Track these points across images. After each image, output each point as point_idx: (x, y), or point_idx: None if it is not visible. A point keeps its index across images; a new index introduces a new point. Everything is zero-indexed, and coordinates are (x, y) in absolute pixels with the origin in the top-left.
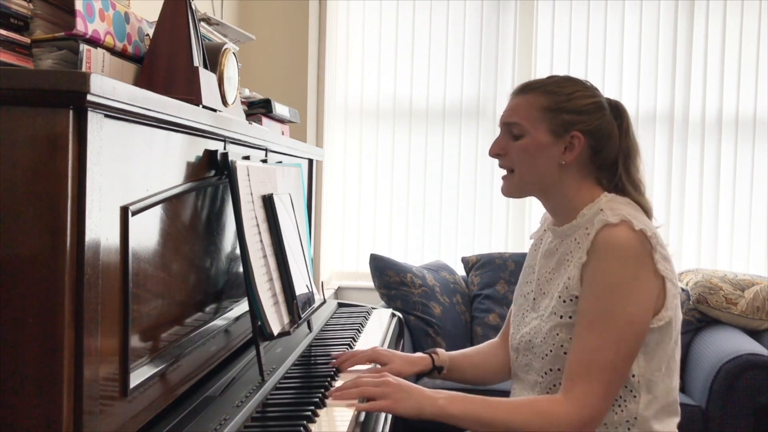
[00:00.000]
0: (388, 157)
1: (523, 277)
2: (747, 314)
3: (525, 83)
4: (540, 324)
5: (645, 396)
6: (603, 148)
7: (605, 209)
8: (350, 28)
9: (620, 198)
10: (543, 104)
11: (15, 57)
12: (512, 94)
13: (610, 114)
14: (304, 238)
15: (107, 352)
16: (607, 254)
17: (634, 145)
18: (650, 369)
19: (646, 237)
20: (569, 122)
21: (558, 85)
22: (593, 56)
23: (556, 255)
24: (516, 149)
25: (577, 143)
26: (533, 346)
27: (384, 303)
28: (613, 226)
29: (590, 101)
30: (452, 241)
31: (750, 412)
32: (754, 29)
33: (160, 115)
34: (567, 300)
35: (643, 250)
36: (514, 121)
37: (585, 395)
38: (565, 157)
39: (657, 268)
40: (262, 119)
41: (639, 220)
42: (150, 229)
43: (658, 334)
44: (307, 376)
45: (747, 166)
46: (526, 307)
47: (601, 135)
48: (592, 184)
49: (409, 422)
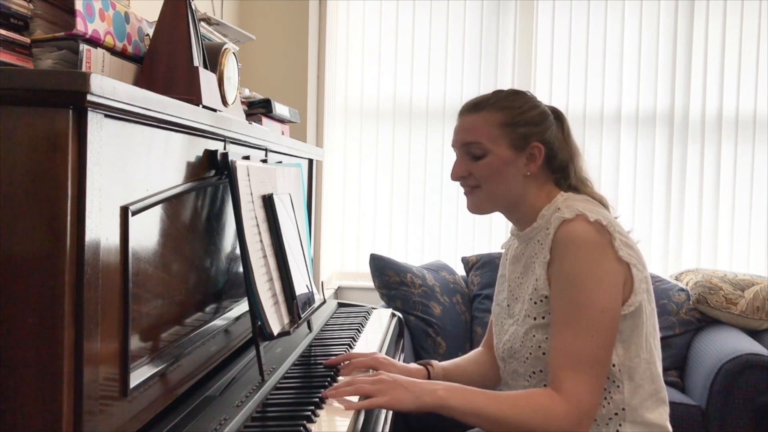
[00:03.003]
0: (388, 157)
1: (498, 286)
2: (747, 314)
3: (474, 101)
4: (517, 329)
5: (628, 384)
6: (556, 154)
7: (562, 207)
8: (350, 28)
9: (576, 195)
10: (499, 120)
11: (15, 57)
12: (461, 113)
13: (554, 120)
14: (304, 238)
15: (107, 352)
16: (567, 249)
17: (576, 147)
18: (629, 356)
19: (602, 226)
20: (527, 134)
21: (507, 99)
22: (593, 56)
23: (522, 259)
24: (481, 168)
25: (538, 153)
26: (515, 352)
27: (384, 303)
28: (570, 221)
29: (538, 111)
30: (452, 241)
31: (750, 412)
32: (754, 29)
33: (160, 115)
34: (537, 301)
35: (602, 239)
36: (473, 141)
37: (576, 389)
38: (528, 169)
39: (619, 255)
40: (262, 119)
41: (594, 212)
42: (150, 229)
43: (631, 320)
44: (307, 376)
45: (747, 166)
46: (503, 315)
47: (553, 141)
48: (551, 187)
49: (409, 422)
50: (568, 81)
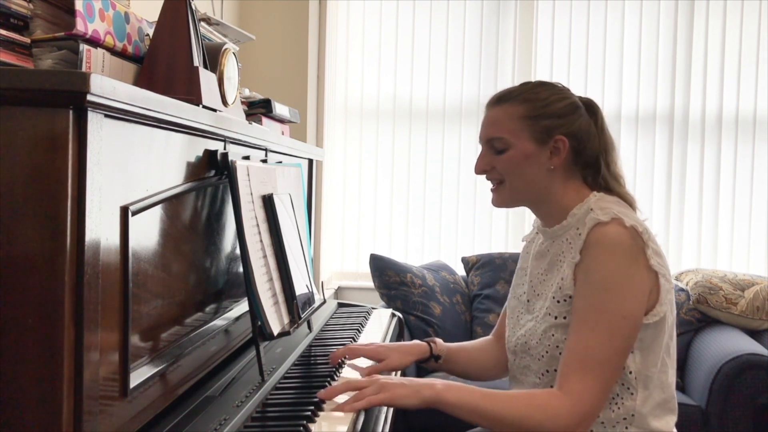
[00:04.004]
0: (388, 157)
1: (516, 279)
2: (747, 314)
3: (499, 94)
4: (535, 325)
5: (642, 392)
6: (585, 148)
7: (595, 208)
8: (350, 28)
9: (609, 197)
10: (521, 113)
11: (15, 57)
12: (487, 107)
13: (585, 112)
14: (304, 238)
15: (107, 352)
16: (599, 251)
17: (610, 140)
18: (646, 365)
19: (637, 233)
20: (550, 127)
21: (532, 91)
22: (593, 56)
23: (547, 256)
24: (503, 162)
25: (562, 146)
26: (529, 348)
27: (384, 303)
28: (605, 224)
29: (566, 103)
30: (452, 241)
31: (750, 412)
32: (754, 29)
33: (160, 115)
34: (561, 300)
35: (635, 246)
36: (496, 135)
37: (581, 389)
38: (552, 162)
39: (650, 264)
40: (262, 119)
41: (630, 217)
42: (150, 229)
43: (653, 330)
44: (307, 376)
45: (747, 166)
46: (520, 310)
47: (581, 135)
48: (579, 183)
49: (410, 421)
50: (568, 81)
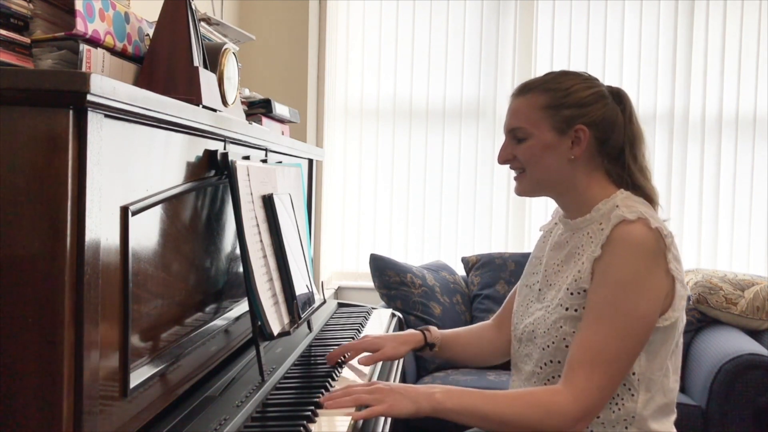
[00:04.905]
0: (388, 157)
1: (529, 267)
2: (747, 314)
3: (523, 84)
4: (544, 315)
5: (643, 395)
6: (609, 138)
7: (621, 205)
8: (350, 28)
9: (636, 197)
10: (542, 103)
11: (15, 57)
12: (512, 96)
13: (612, 102)
14: (304, 238)
15: (107, 352)
16: (622, 249)
17: (638, 132)
18: (651, 368)
19: (661, 235)
20: (571, 117)
21: (555, 81)
22: (593, 56)
23: (566, 248)
24: (523, 152)
25: (583, 136)
26: (535, 337)
27: (384, 303)
28: (630, 223)
29: (590, 92)
30: (452, 241)
31: (750, 412)
32: (754, 29)
33: (160, 115)
34: (575, 293)
35: (658, 249)
36: (517, 126)
37: (587, 385)
38: (573, 152)
39: (669, 268)
40: (262, 119)
41: (655, 219)
42: (150, 229)
43: (663, 334)
44: (307, 376)
45: (747, 166)
46: (530, 298)
47: (606, 125)
48: (602, 176)
49: (409, 422)
50: None
